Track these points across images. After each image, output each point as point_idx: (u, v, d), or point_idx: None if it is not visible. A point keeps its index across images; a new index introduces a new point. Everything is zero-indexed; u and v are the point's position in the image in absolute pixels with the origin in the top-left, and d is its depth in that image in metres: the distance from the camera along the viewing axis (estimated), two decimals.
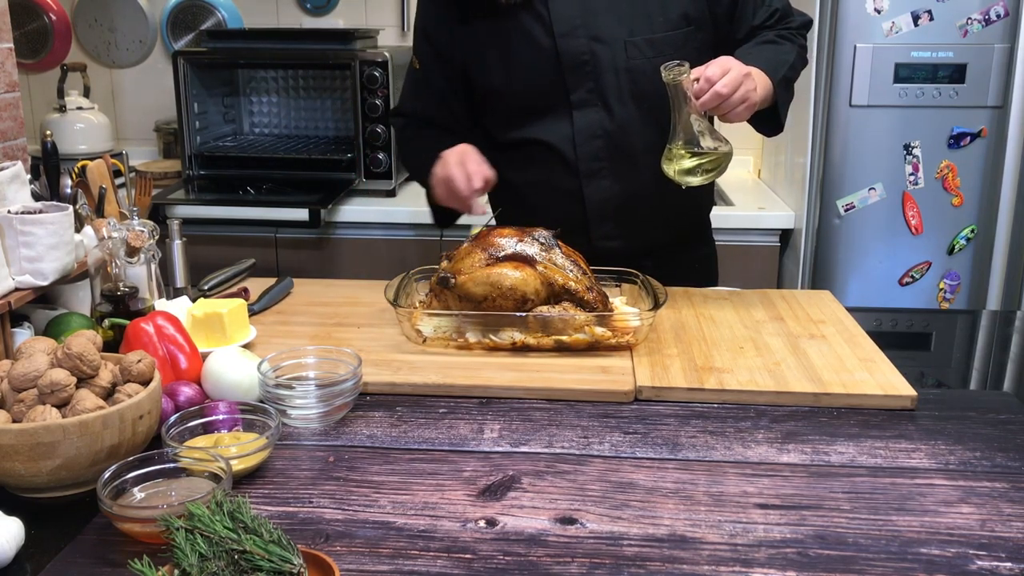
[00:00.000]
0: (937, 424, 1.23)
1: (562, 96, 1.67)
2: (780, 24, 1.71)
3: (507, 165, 1.68)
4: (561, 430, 1.20)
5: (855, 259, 2.56)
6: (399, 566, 0.91)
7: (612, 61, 1.64)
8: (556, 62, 1.65)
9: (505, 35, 1.68)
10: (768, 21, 1.70)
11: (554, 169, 1.72)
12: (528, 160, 1.73)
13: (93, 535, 0.97)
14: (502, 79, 1.70)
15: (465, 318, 1.44)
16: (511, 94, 1.71)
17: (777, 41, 1.68)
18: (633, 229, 1.74)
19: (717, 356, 1.41)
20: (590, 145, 1.68)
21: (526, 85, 1.69)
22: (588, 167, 1.70)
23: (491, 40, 1.69)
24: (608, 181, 1.70)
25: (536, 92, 1.69)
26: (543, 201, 1.73)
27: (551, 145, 1.70)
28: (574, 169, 1.70)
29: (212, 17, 3.27)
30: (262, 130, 3.24)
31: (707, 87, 1.45)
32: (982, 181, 2.47)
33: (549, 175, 1.72)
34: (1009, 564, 0.92)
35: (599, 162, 1.69)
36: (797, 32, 1.73)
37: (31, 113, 3.28)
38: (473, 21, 1.70)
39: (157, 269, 1.47)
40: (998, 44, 2.39)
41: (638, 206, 1.72)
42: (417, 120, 1.84)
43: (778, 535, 0.97)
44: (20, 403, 1.05)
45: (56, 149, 1.61)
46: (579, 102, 1.67)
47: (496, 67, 1.70)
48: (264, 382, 1.22)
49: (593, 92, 1.66)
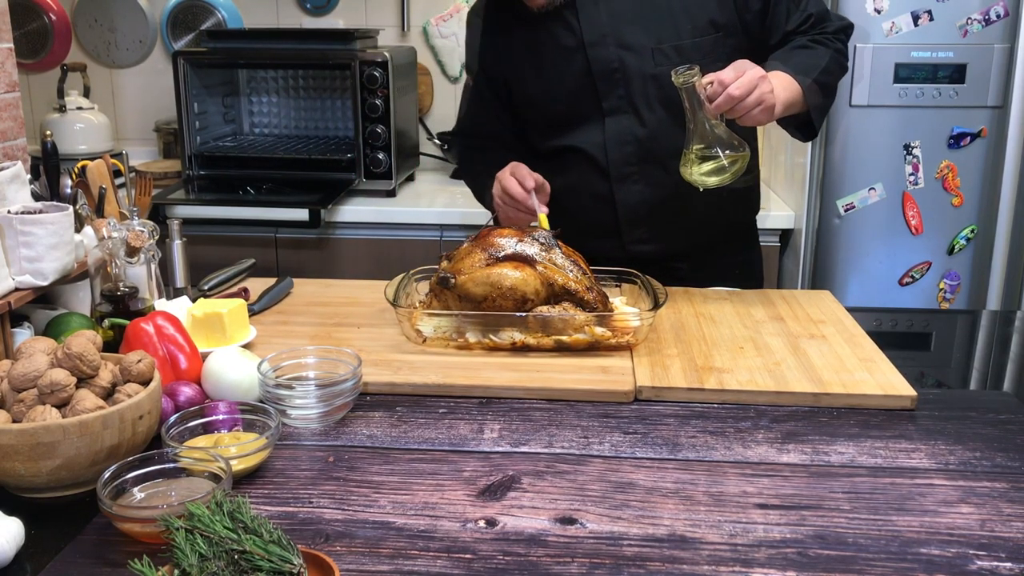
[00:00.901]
0: (937, 424, 1.23)
1: (594, 103, 1.72)
2: (815, 29, 1.72)
3: (544, 172, 1.72)
4: (561, 430, 1.20)
5: (855, 259, 2.56)
6: (399, 566, 0.91)
7: (640, 68, 1.68)
8: (587, 71, 1.70)
9: (539, 46, 1.73)
10: (803, 26, 1.71)
11: (587, 175, 1.76)
12: (563, 166, 1.77)
13: (93, 535, 0.97)
14: (538, 89, 1.76)
15: (465, 318, 1.44)
16: (546, 103, 1.77)
17: (809, 46, 1.69)
18: (666, 232, 1.77)
19: (717, 356, 1.41)
20: (621, 151, 1.72)
21: (559, 94, 1.74)
22: (619, 172, 1.73)
23: (527, 51, 1.75)
24: (639, 185, 1.74)
25: (569, 100, 1.74)
26: (578, 206, 1.78)
27: (584, 151, 1.75)
28: (606, 174, 1.74)
29: (212, 17, 3.27)
30: (262, 130, 3.24)
31: (720, 90, 1.46)
32: (982, 181, 2.47)
33: (583, 180, 1.76)
34: (1009, 564, 0.92)
35: (630, 167, 1.73)
36: (834, 36, 1.73)
37: (31, 113, 3.28)
38: (511, 34, 1.77)
39: (157, 269, 1.47)
40: (998, 44, 2.39)
41: (670, 209, 1.75)
42: (476, 140, 1.93)
43: (778, 535, 0.97)
44: (20, 403, 1.05)
45: (56, 149, 1.61)
46: (610, 109, 1.71)
47: (533, 78, 1.76)
48: (264, 382, 1.22)
49: (623, 99, 1.70)
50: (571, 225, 1.61)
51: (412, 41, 3.22)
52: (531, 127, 1.84)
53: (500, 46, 1.81)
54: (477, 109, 1.92)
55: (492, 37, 1.83)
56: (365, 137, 2.75)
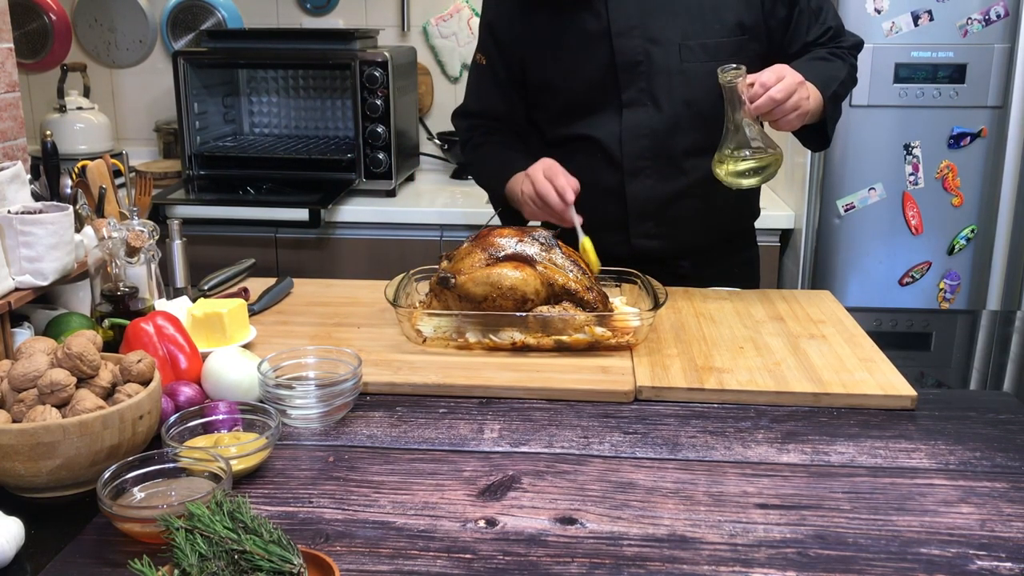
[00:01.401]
0: (937, 424, 1.23)
1: (613, 94, 1.71)
2: (832, 42, 1.74)
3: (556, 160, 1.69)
4: (561, 430, 1.20)
5: (855, 259, 2.56)
6: (399, 566, 0.91)
7: (665, 63, 1.67)
8: (611, 61, 1.68)
9: (563, 31, 1.72)
10: (821, 38, 1.73)
11: (599, 166, 1.74)
12: (574, 155, 1.74)
13: (93, 535, 0.97)
14: (557, 74, 1.74)
15: (465, 318, 1.44)
16: (564, 90, 1.75)
17: (829, 58, 1.71)
18: (672, 229, 1.77)
19: (717, 356, 1.41)
20: (636, 144, 1.71)
21: (579, 82, 1.72)
22: (632, 165, 1.72)
23: (550, 35, 1.73)
24: (651, 180, 1.73)
25: (588, 89, 1.72)
26: (586, 196, 1.74)
27: (598, 142, 1.73)
28: (619, 167, 1.73)
29: (212, 17, 3.27)
30: (262, 130, 3.24)
31: (761, 91, 1.48)
32: (982, 181, 2.47)
33: (593, 171, 1.74)
34: (1009, 564, 0.92)
35: (643, 161, 1.72)
36: (849, 51, 1.75)
37: (31, 113, 3.28)
38: (534, 16, 1.75)
39: (157, 269, 1.47)
40: (998, 44, 2.39)
41: (679, 207, 1.75)
42: (483, 121, 1.88)
43: (778, 535, 0.97)
44: (20, 403, 1.05)
45: (56, 149, 1.61)
46: (629, 101, 1.70)
47: (552, 62, 1.74)
48: (264, 382, 1.22)
49: (644, 92, 1.69)
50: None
51: (412, 41, 3.22)
52: (543, 112, 1.81)
53: (521, 24, 1.76)
54: (488, 88, 1.86)
55: (513, 14, 1.78)
56: (365, 137, 2.75)
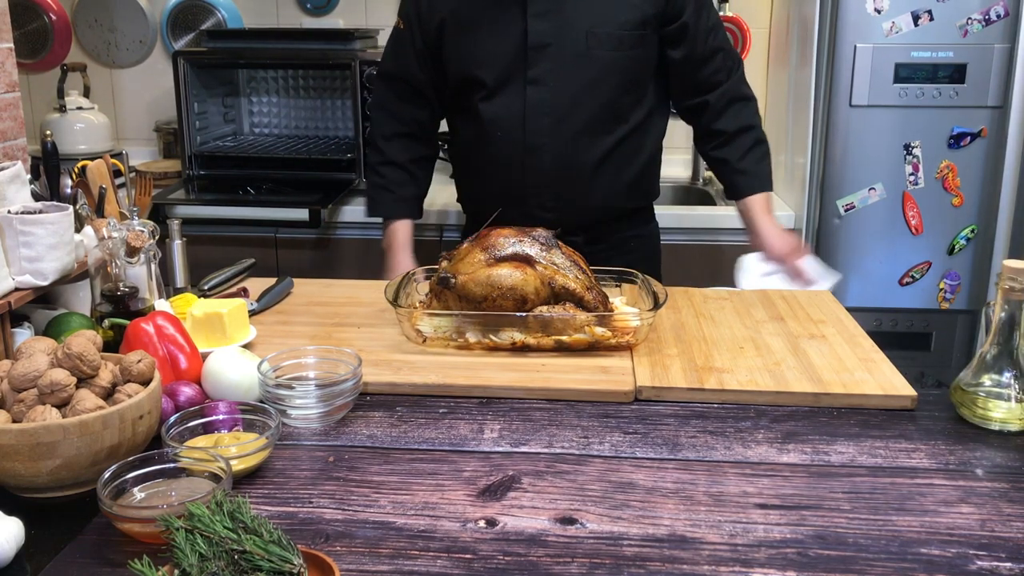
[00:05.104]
0: (937, 424, 1.23)
1: (519, 71, 1.79)
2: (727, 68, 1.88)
3: (462, 130, 1.83)
4: (561, 430, 1.20)
5: (855, 259, 2.56)
6: (399, 566, 0.91)
7: (573, 47, 1.77)
8: (522, 39, 1.77)
9: (482, 8, 1.80)
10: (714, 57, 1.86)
11: (501, 140, 1.84)
12: (477, 127, 1.85)
13: (93, 535, 0.97)
14: (467, 47, 1.82)
15: (465, 318, 1.44)
16: (473, 62, 1.83)
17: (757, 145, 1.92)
18: (567, 204, 1.87)
19: (717, 356, 1.41)
20: (538, 122, 1.80)
21: (488, 55, 1.81)
22: (533, 142, 1.81)
23: (465, 9, 1.81)
24: (549, 157, 1.83)
25: (496, 63, 1.80)
26: (488, 169, 1.89)
27: (502, 117, 1.82)
28: (519, 143, 1.82)
29: (212, 17, 3.27)
30: (262, 130, 3.24)
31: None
32: (982, 181, 2.47)
33: (496, 145, 1.84)
34: (1009, 564, 0.92)
35: (543, 138, 1.82)
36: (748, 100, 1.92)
37: (31, 113, 3.28)
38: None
39: (157, 269, 1.47)
40: (998, 44, 2.39)
41: (574, 183, 1.85)
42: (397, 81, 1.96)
43: (778, 535, 0.97)
44: (20, 403, 1.05)
45: (56, 149, 1.61)
46: (533, 79, 1.79)
47: (465, 37, 1.82)
48: (264, 382, 1.22)
49: (549, 72, 1.78)
50: (479, 185, 1.81)
51: None
52: (452, 82, 1.88)
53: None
54: (406, 54, 1.92)
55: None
56: (365, 137, 2.74)
